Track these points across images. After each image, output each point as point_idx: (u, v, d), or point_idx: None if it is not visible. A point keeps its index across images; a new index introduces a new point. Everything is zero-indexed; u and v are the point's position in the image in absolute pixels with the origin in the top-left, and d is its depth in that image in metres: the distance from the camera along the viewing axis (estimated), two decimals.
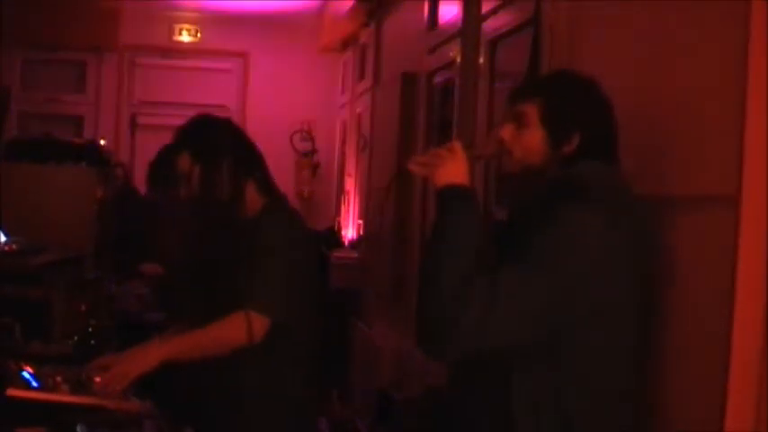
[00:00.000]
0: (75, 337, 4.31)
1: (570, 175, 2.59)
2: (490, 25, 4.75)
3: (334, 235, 9.21)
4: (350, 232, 8.85)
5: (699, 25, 2.73)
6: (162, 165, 4.73)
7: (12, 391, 3.06)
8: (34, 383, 3.18)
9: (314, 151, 10.71)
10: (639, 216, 2.60)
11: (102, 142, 6.95)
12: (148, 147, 7.80)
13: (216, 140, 3.53)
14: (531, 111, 2.64)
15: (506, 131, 2.69)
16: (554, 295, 2.38)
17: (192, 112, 3.75)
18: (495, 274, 2.40)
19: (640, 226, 2.59)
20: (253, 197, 3.52)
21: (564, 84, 2.74)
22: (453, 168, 2.58)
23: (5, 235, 4.57)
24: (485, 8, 4.79)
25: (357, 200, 8.68)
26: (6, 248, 4.48)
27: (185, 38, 10.70)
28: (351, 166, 9.17)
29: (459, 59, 5.22)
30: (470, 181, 2.60)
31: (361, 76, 8.95)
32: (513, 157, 2.68)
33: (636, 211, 2.59)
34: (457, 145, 2.64)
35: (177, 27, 10.67)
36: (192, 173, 3.49)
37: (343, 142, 10.00)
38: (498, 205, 4.54)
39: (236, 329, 3.28)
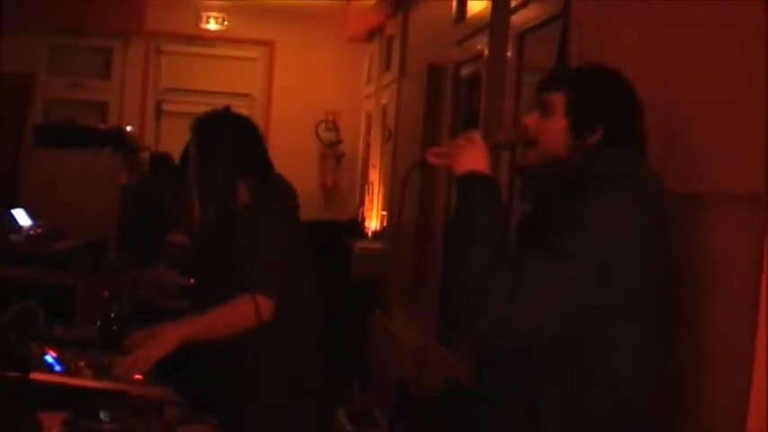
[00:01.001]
0: (98, 322, 4.32)
1: (595, 162, 2.57)
2: (518, 18, 4.73)
3: (357, 226, 9.21)
4: (373, 223, 8.83)
5: (726, 20, 2.71)
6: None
7: (35, 375, 3.07)
8: (57, 368, 3.19)
9: (338, 141, 10.72)
10: (666, 204, 2.57)
11: (128, 128, 6.95)
12: (174, 134, 7.82)
13: (214, 139, 3.72)
14: (557, 100, 2.64)
15: (531, 119, 2.70)
16: (583, 285, 2.36)
17: (217, 100, 3.85)
18: (519, 262, 2.39)
19: (667, 214, 2.55)
20: (243, 195, 3.69)
21: (590, 76, 2.74)
22: (472, 156, 2.59)
23: (31, 219, 4.59)
24: (514, 1, 4.78)
25: (381, 191, 8.67)
26: (31, 233, 4.50)
27: (212, 26, 10.69)
28: (375, 157, 9.16)
29: (486, 52, 5.20)
30: (490, 169, 2.59)
31: (387, 67, 8.93)
32: (537, 145, 2.67)
33: (663, 200, 2.56)
34: (475, 134, 2.66)
35: (204, 15, 10.66)
36: (193, 161, 3.75)
37: (368, 133, 9.99)
38: (522, 200, 4.52)
39: (244, 311, 3.40)
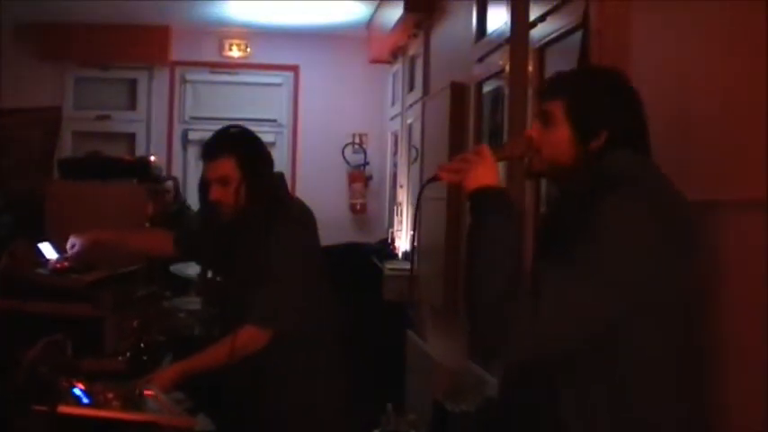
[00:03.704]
0: (128, 354, 4.32)
1: (603, 167, 2.53)
2: (538, 32, 4.71)
3: (387, 247, 9.19)
4: (403, 244, 8.81)
5: (748, 26, 2.66)
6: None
7: (63, 408, 3.07)
8: (85, 400, 3.18)
9: (366, 163, 10.72)
10: (681, 202, 2.52)
11: (152, 158, 6.96)
12: (200, 162, 7.82)
13: (258, 157, 3.88)
14: (557, 108, 2.62)
15: (534, 130, 2.69)
16: (601, 293, 2.33)
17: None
18: (537, 277, 2.39)
19: (683, 212, 2.50)
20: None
21: (587, 79, 2.73)
22: (483, 171, 2.59)
23: (57, 252, 4.60)
24: (532, 15, 4.76)
25: (410, 211, 8.65)
26: (58, 266, 4.50)
27: (235, 53, 10.73)
28: (403, 178, 9.15)
29: (507, 68, 5.18)
30: (500, 181, 2.61)
31: (411, 88, 8.93)
32: (542, 155, 2.66)
33: (676, 200, 2.52)
34: (484, 148, 2.66)
35: (227, 42, 10.70)
36: (236, 180, 3.80)
37: (395, 154, 9.99)
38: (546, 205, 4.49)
39: (241, 342, 3.62)
